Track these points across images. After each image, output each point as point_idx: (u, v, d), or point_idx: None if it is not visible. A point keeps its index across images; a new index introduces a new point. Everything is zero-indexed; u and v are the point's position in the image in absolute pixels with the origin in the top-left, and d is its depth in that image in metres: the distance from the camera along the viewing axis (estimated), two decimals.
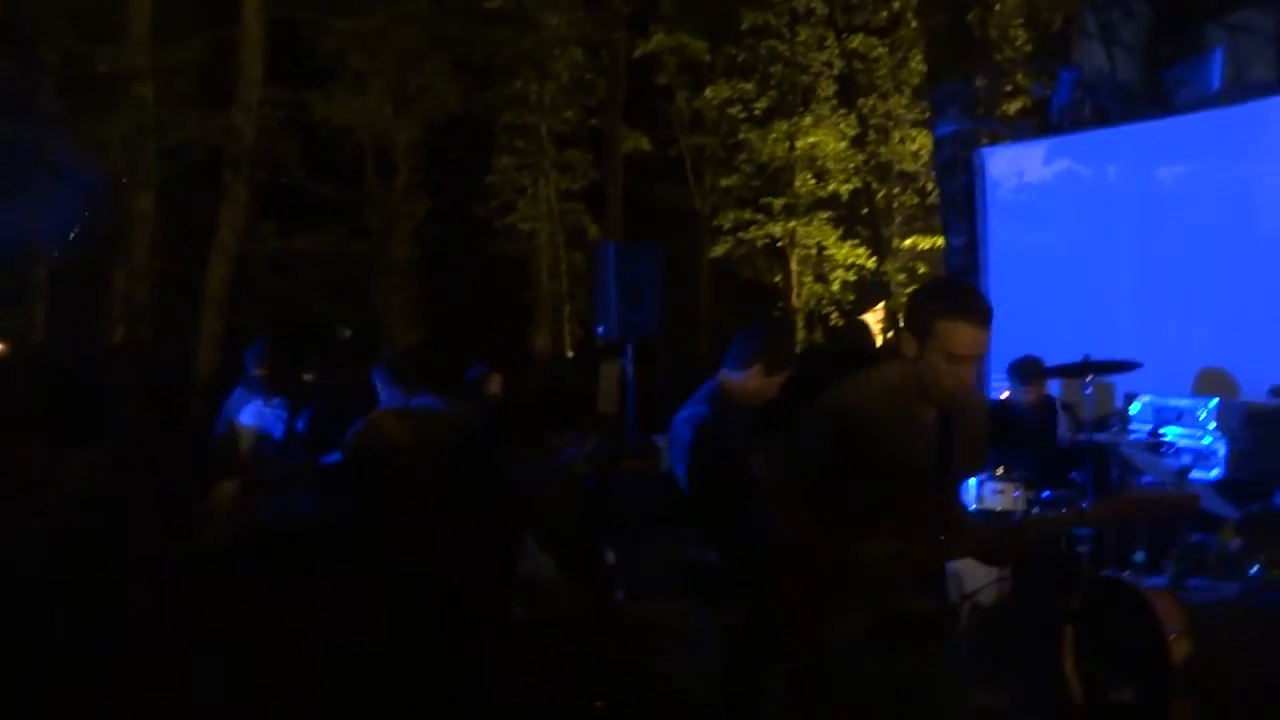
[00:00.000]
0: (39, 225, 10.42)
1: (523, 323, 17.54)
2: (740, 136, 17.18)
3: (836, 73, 16.66)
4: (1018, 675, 4.05)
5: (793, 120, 16.89)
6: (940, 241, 11.45)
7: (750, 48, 16.85)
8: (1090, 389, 4.64)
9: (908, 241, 16.59)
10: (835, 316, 17.97)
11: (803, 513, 2.51)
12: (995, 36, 13.97)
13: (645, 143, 17.50)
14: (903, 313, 2.52)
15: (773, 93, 16.94)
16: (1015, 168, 7.06)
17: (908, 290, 16.53)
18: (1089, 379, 4.63)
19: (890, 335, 16.81)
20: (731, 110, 17.04)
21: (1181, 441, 4.95)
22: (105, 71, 10.77)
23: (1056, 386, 5.71)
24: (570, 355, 16.70)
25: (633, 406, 6.66)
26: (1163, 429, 5.08)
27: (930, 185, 14.70)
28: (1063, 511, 4.50)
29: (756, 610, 3.28)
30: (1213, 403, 4.97)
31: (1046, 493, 4.78)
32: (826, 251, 17.58)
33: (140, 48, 10.84)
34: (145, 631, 4.11)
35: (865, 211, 17.13)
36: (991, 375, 6.14)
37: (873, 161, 16.48)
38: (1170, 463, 4.60)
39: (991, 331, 2.42)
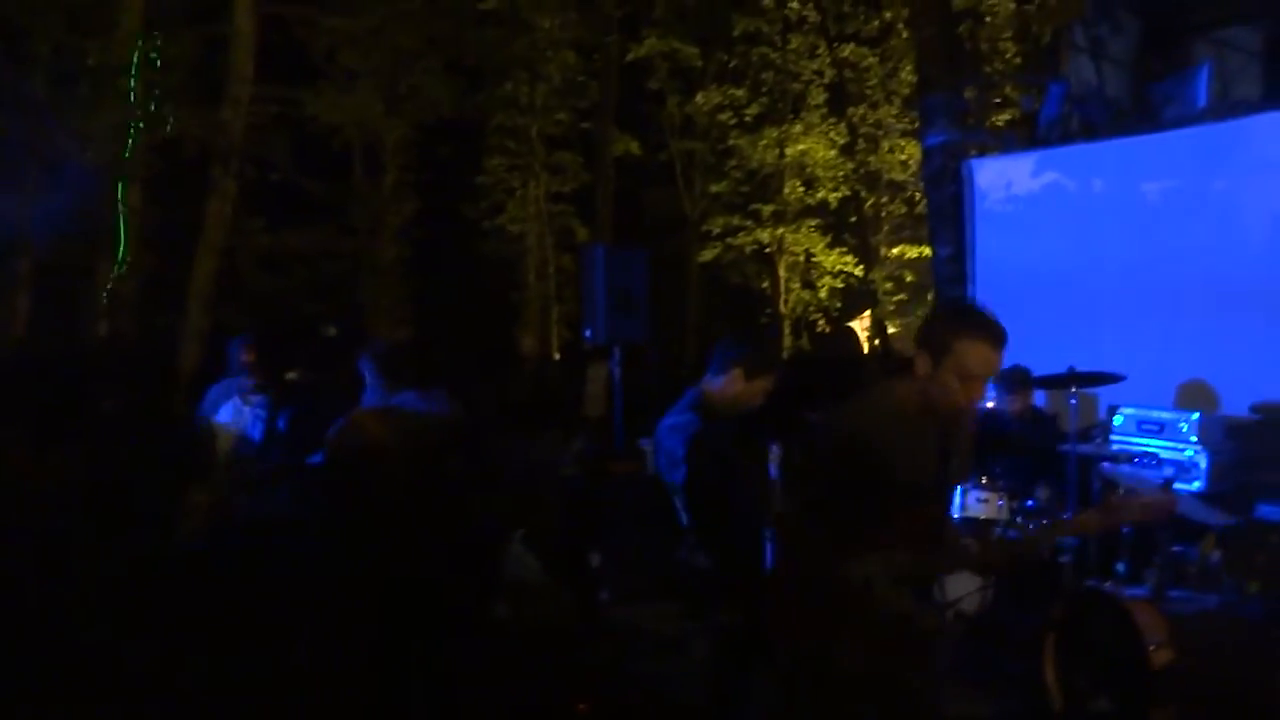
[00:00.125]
0: (24, 217, 10.35)
1: (510, 324, 17.52)
2: (730, 142, 17.23)
3: (827, 81, 16.75)
4: (999, 683, 4.08)
5: (783, 127, 16.96)
6: (927, 251, 11.51)
7: (742, 54, 16.92)
8: (1074, 400, 4.68)
9: (895, 250, 16.69)
10: (822, 323, 18.04)
11: (806, 533, 2.52)
12: (985, 49, 14.09)
13: (636, 146, 17.53)
14: (918, 331, 2.58)
15: (763, 99, 17.01)
16: (1003, 179, 7.10)
17: (895, 298, 16.63)
18: (1073, 390, 4.67)
19: (877, 342, 16.90)
20: (722, 116, 17.10)
21: (1164, 454, 5.00)
22: (95, 65, 10.70)
23: (1041, 397, 5.75)
24: (557, 358, 16.68)
25: (620, 410, 6.67)
26: (1145, 441, 5.12)
27: (918, 195, 14.78)
28: (1045, 524, 4.55)
29: (746, 616, 3.29)
30: (1195, 416, 5.02)
31: (1030, 501, 4.81)
32: (814, 259, 17.66)
33: (131, 42, 10.79)
34: (123, 629, 4.08)
35: (853, 220, 17.22)
36: None
37: (862, 170, 16.57)
38: (1152, 475, 4.64)
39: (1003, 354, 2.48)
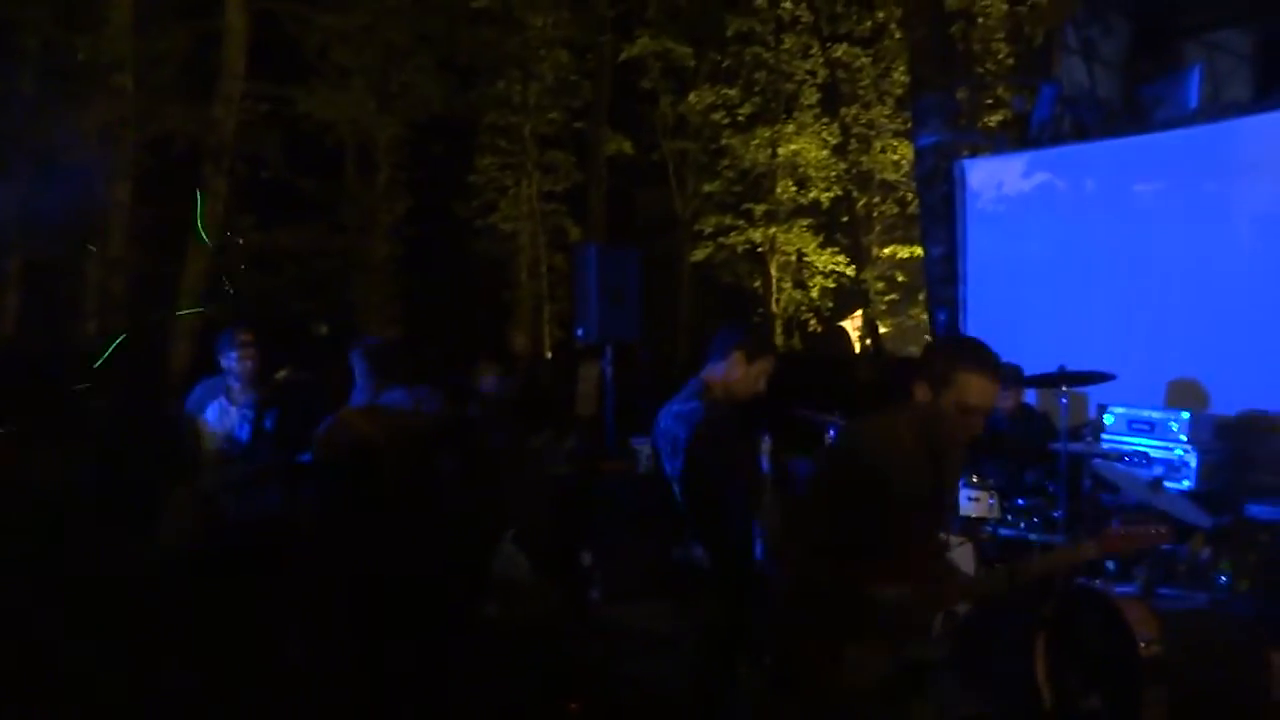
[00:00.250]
0: (13, 214, 10.29)
1: (502, 323, 17.49)
2: (723, 142, 17.24)
3: (820, 81, 16.77)
4: (990, 682, 4.09)
5: (775, 127, 16.98)
6: (919, 251, 11.54)
7: (735, 54, 16.93)
8: (1064, 399, 4.69)
9: (887, 250, 16.73)
10: (814, 323, 18.08)
11: (816, 555, 2.53)
12: (978, 50, 14.12)
13: (628, 146, 17.52)
14: (920, 361, 2.61)
15: (756, 99, 17.02)
16: (994, 179, 7.12)
17: (886, 298, 16.66)
18: (1064, 389, 4.69)
19: (868, 342, 16.94)
20: (715, 116, 17.10)
21: (1154, 453, 5.02)
22: (85, 60, 10.64)
23: (1032, 396, 5.76)
24: (549, 356, 16.67)
25: (611, 409, 6.66)
26: (1135, 440, 5.14)
27: (910, 195, 14.83)
28: (1056, 550, 4.54)
29: (732, 611, 3.29)
30: (1185, 415, 5.04)
31: (1020, 500, 4.82)
32: (806, 258, 17.69)
33: (122, 37, 10.73)
34: (116, 629, 4.06)
35: (845, 220, 17.25)
36: None
37: (854, 170, 16.59)
38: (1143, 473, 4.65)
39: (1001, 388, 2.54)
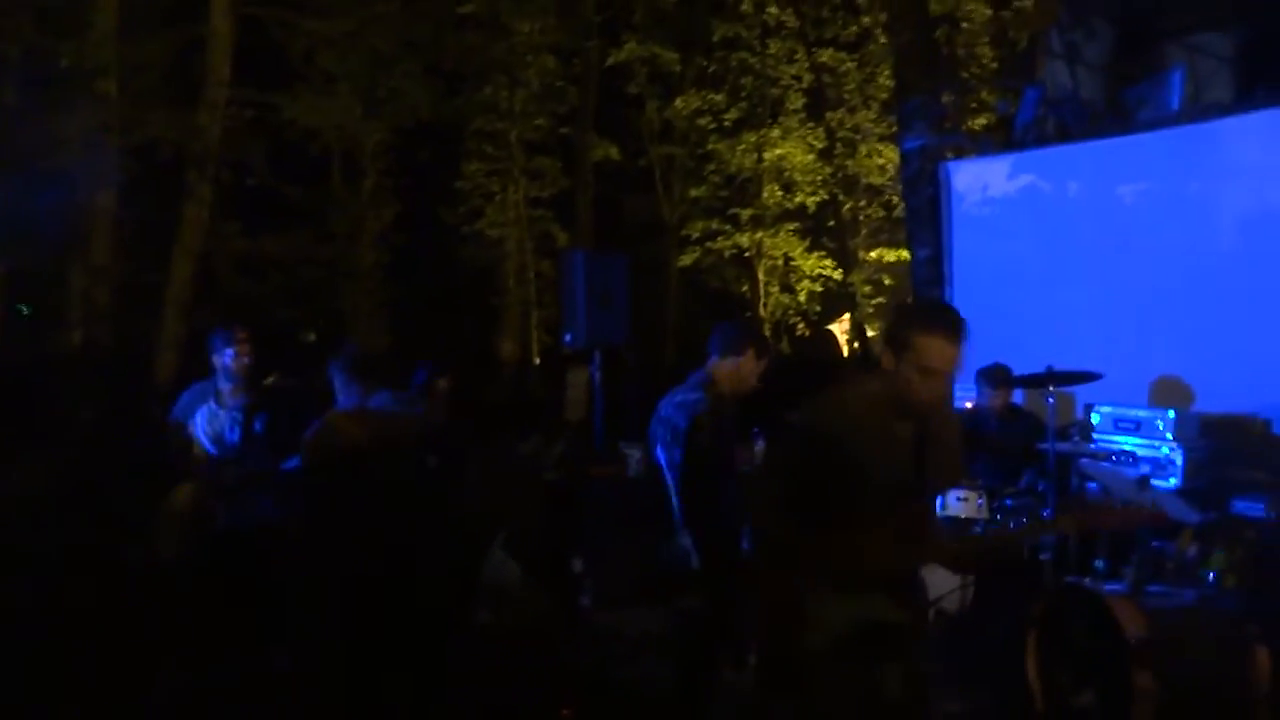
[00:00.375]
0: None
1: (489, 329, 17.46)
2: (709, 147, 17.28)
3: (805, 86, 16.82)
4: (981, 681, 4.10)
5: (761, 132, 17.02)
6: (905, 254, 11.58)
7: (721, 59, 16.98)
8: (1052, 399, 4.72)
9: (873, 253, 16.78)
10: (802, 327, 18.11)
11: (785, 516, 2.53)
12: (962, 54, 14.21)
13: (615, 152, 17.54)
14: (885, 329, 2.60)
15: (742, 104, 17.06)
16: (979, 182, 7.16)
17: (873, 302, 16.71)
18: (1051, 389, 4.71)
19: (856, 345, 16.98)
20: (701, 121, 17.14)
21: (1141, 451, 5.05)
22: (69, 66, 10.57)
23: (1020, 396, 5.79)
24: (537, 362, 16.65)
25: (600, 414, 6.67)
26: (1122, 439, 5.17)
27: (896, 198, 14.87)
28: (1025, 523, 4.58)
29: (716, 604, 3.29)
30: (1170, 413, 5.08)
31: (1009, 500, 4.84)
32: (793, 262, 17.72)
33: (105, 43, 10.65)
34: (101, 638, 4.03)
35: (832, 223, 17.29)
36: (956, 383, 6.20)
37: (840, 174, 16.65)
38: (1129, 472, 4.68)
39: (964, 349, 2.50)
